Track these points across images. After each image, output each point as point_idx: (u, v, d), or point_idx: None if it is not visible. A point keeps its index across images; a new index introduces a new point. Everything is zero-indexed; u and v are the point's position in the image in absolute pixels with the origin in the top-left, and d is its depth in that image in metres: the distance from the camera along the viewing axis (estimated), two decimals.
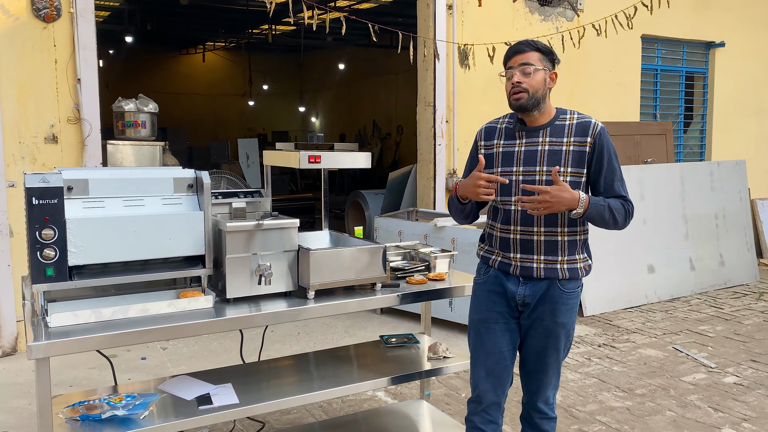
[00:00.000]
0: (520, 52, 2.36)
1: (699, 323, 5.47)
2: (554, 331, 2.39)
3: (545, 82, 2.36)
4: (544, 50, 2.39)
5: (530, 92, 2.32)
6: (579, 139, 2.34)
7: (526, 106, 2.34)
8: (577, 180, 2.34)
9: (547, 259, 2.36)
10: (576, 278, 2.39)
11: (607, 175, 2.36)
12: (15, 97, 4.60)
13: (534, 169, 2.34)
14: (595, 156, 2.34)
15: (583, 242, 2.43)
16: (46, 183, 2.17)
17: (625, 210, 2.37)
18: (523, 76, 2.33)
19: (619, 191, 2.37)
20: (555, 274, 2.36)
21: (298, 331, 5.18)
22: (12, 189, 4.59)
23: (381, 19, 7.66)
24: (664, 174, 6.43)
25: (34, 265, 2.16)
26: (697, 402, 3.85)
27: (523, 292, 2.39)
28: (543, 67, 2.36)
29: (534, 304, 2.39)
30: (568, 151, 2.33)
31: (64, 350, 2.11)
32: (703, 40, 8.28)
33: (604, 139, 2.35)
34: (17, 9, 4.56)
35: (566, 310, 2.39)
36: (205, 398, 2.52)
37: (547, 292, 2.37)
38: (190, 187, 2.49)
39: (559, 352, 2.43)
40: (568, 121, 2.38)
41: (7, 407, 3.75)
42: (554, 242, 2.36)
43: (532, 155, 2.36)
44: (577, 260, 2.40)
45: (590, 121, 2.37)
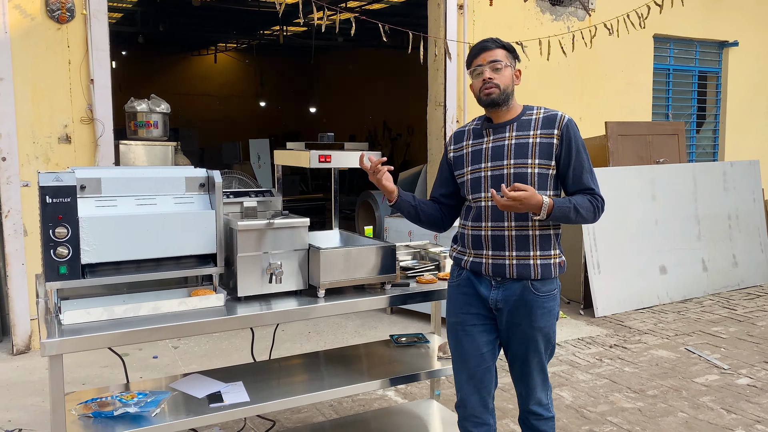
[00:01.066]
0: (487, 50, 2.38)
1: (712, 324, 5.43)
2: (533, 336, 2.37)
3: (512, 79, 2.39)
4: (508, 48, 2.41)
5: (501, 87, 2.34)
6: (546, 131, 2.34)
7: (498, 101, 2.35)
8: (545, 172, 2.33)
9: (519, 255, 2.33)
10: (549, 278, 2.36)
11: (576, 167, 2.35)
12: (29, 97, 4.64)
13: (501, 163, 2.35)
14: (563, 148, 2.33)
15: (555, 237, 2.40)
16: (60, 182, 2.19)
17: (593, 206, 2.36)
18: (493, 72, 2.35)
19: (588, 184, 2.36)
20: (527, 272, 2.32)
21: (308, 331, 5.19)
22: (26, 188, 4.63)
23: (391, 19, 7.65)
24: (676, 174, 6.39)
25: (47, 263, 2.18)
26: (709, 403, 3.82)
27: (495, 296, 2.37)
28: (510, 63, 2.38)
29: (509, 310, 2.36)
30: (534, 143, 2.33)
31: (77, 347, 2.13)
32: (716, 39, 8.22)
33: (572, 131, 2.35)
34: (32, 11, 4.61)
35: (543, 314, 2.36)
36: (216, 396, 2.54)
37: (521, 298, 2.34)
38: (202, 186, 2.50)
39: (541, 356, 2.41)
40: (535, 115, 2.39)
41: (20, 404, 3.79)
42: (525, 237, 2.33)
43: (500, 150, 2.37)
44: (551, 256, 2.37)
45: (557, 114, 2.37)
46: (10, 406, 3.76)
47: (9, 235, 4.61)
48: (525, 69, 6.54)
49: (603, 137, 6.48)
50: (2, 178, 4.58)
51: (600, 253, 5.74)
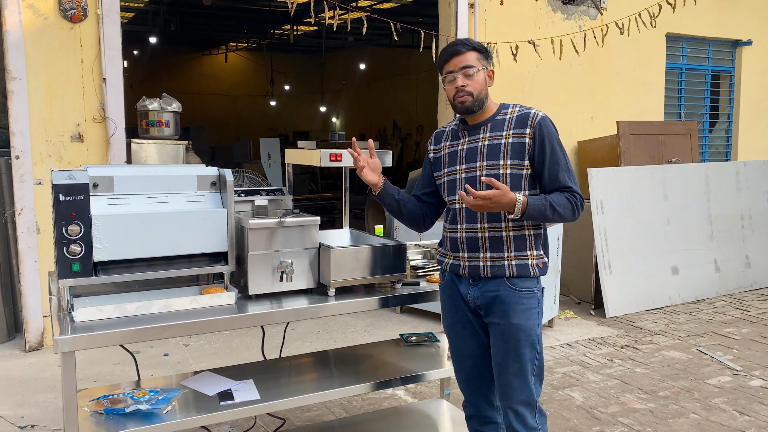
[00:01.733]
0: (458, 54, 2.30)
1: (724, 325, 5.39)
2: (511, 336, 2.26)
3: (485, 82, 2.33)
4: (480, 49, 2.34)
5: (474, 94, 2.29)
6: (518, 131, 2.28)
7: (472, 109, 2.31)
8: (518, 172, 2.28)
9: (493, 257, 2.29)
10: (527, 276, 2.29)
11: (551, 165, 2.27)
12: (42, 96, 4.68)
13: (474, 165, 2.32)
14: (536, 147, 2.26)
15: (534, 237, 2.33)
16: (73, 180, 2.21)
17: (571, 204, 2.27)
18: (465, 78, 2.28)
19: (564, 182, 2.28)
20: (502, 271, 2.28)
21: (318, 329, 5.20)
22: (39, 186, 4.67)
23: (402, 18, 7.64)
24: (688, 174, 6.35)
25: (60, 261, 2.20)
26: (722, 405, 3.79)
27: (473, 294, 2.33)
28: (482, 66, 2.32)
29: (487, 306, 2.31)
30: (507, 143, 2.28)
31: (89, 344, 2.15)
32: (729, 38, 8.15)
33: (545, 129, 2.28)
34: (45, 10, 4.64)
35: (522, 311, 2.26)
36: (227, 394, 2.54)
37: (497, 294, 2.28)
38: (213, 184, 2.51)
39: (522, 362, 2.26)
40: (509, 114, 2.34)
41: (33, 401, 3.82)
42: (498, 238, 2.29)
43: (473, 152, 2.33)
44: (528, 257, 2.30)
45: (529, 112, 2.31)
46: (23, 403, 3.79)
47: (22, 233, 4.64)
48: (536, 68, 6.56)
49: (614, 137, 6.45)
50: (16, 176, 4.61)
51: (611, 252, 5.71)
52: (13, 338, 4.93)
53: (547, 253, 2.38)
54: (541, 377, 2.35)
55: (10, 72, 4.54)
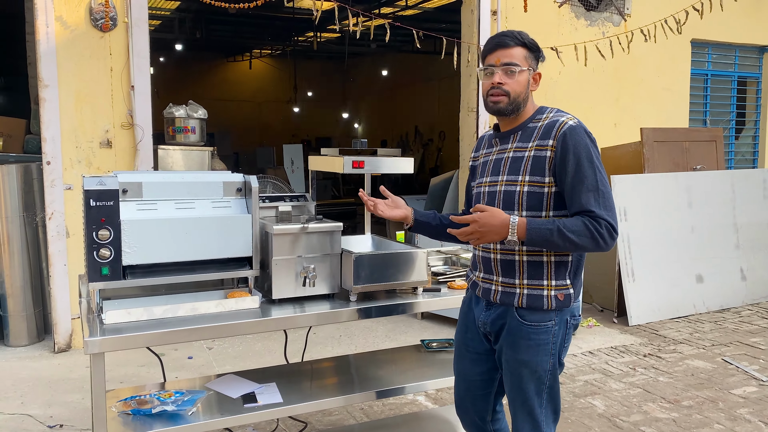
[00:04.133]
0: (504, 47, 2.03)
1: (750, 335, 5.31)
2: (516, 370, 2.07)
3: (528, 84, 2.06)
4: (531, 46, 2.06)
5: (511, 96, 2.04)
6: (541, 142, 2.01)
7: (504, 111, 2.07)
8: (538, 190, 2.00)
9: (505, 282, 2.08)
10: (539, 309, 2.02)
11: (575, 184, 1.94)
12: (73, 103, 4.80)
13: (497, 179, 2.10)
14: (558, 160, 1.97)
15: (556, 265, 2.03)
16: (103, 186, 2.27)
17: (590, 231, 1.91)
18: (505, 76, 2.03)
19: (586, 205, 1.93)
20: (510, 299, 2.05)
21: (339, 334, 5.24)
22: (69, 191, 4.78)
23: (424, 25, 7.69)
24: (713, 181, 6.27)
25: (90, 264, 2.26)
26: (747, 416, 3.74)
27: (484, 319, 2.17)
28: (528, 66, 2.05)
29: (496, 334, 2.14)
30: (528, 156, 2.02)
31: (118, 346, 2.21)
32: (756, 44, 8.05)
33: (571, 140, 1.96)
34: (76, 20, 4.76)
35: (528, 347, 2.03)
36: (250, 396, 2.59)
37: (505, 323, 2.09)
38: (239, 191, 2.56)
39: (526, 397, 2.07)
40: (541, 122, 2.06)
41: (61, 401, 3.91)
42: (510, 262, 2.06)
43: (498, 164, 2.12)
44: (544, 287, 2.03)
45: (557, 121, 2.02)
46: (52, 402, 3.88)
47: (52, 237, 4.76)
48: (559, 75, 6.54)
49: (638, 143, 6.40)
50: (47, 182, 4.73)
51: (635, 260, 5.67)
52: (43, 339, 5.04)
53: (577, 282, 2.09)
54: (555, 411, 2.13)
55: (42, 80, 4.67)
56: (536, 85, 2.10)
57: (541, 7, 6.50)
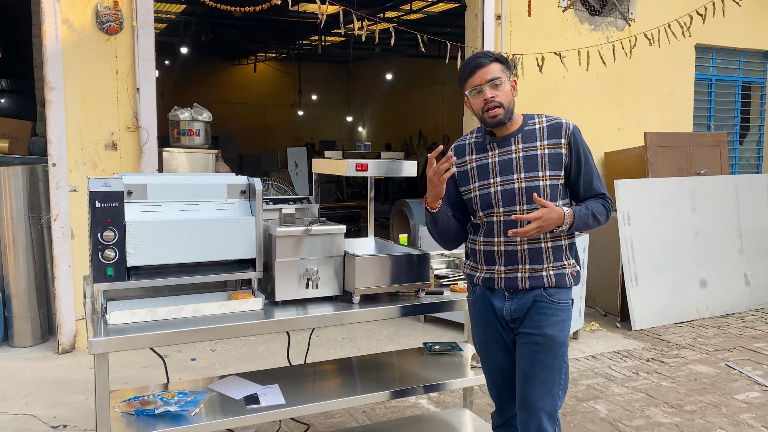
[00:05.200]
0: (482, 66, 2.26)
1: (754, 340, 5.30)
2: (543, 345, 2.25)
3: (512, 92, 2.30)
4: (502, 60, 2.31)
5: (505, 105, 2.25)
6: (553, 141, 2.29)
7: (504, 121, 2.28)
8: (556, 183, 2.29)
9: (532, 268, 2.28)
10: (564, 287, 2.30)
11: (585, 174, 2.32)
12: (79, 106, 4.83)
13: (512, 178, 2.29)
14: (572, 157, 2.30)
15: (569, 246, 2.35)
16: (108, 187, 2.29)
17: (606, 209, 2.35)
18: (494, 90, 2.25)
19: (598, 189, 2.34)
20: (540, 282, 2.28)
21: (342, 337, 5.24)
22: (74, 193, 4.81)
23: (429, 29, 7.70)
24: (717, 186, 6.27)
25: (95, 265, 2.28)
26: (750, 421, 3.73)
27: (509, 307, 2.31)
28: (506, 77, 2.29)
29: (522, 319, 2.30)
30: (543, 154, 2.28)
31: (122, 346, 2.22)
32: (760, 49, 8.04)
33: (578, 138, 2.31)
34: (83, 23, 4.79)
35: (555, 323, 2.26)
36: (253, 398, 2.60)
37: (534, 304, 2.28)
38: (243, 193, 2.58)
39: (550, 372, 2.25)
40: (538, 125, 2.32)
41: (65, 401, 3.92)
42: (538, 249, 2.28)
43: (508, 164, 2.30)
44: (565, 266, 2.31)
45: (561, 122, 2.32)
46: (56, 403, 3.90)
47: (57, 238, 4.78)
48: (563, 79, 6.55)
49: (642, 148, 6.41)
50: (52, 183, 4.76)
51: (638, 265, 5.66)
52: (47, 340, 5.06)
53: (579, 261, 2.39)
54: (566, 389, 2.36)
55: (48, 82, 4.70)
56: (516, 91, 2.33)
57: (546, 11, 6.52)
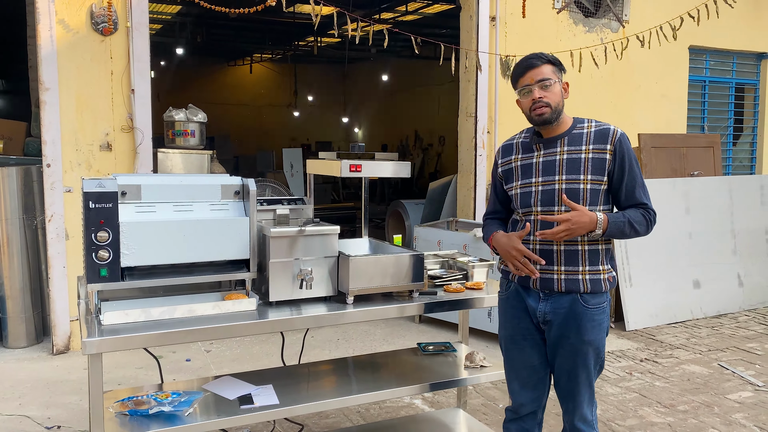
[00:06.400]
0: (533, 67, 2.33)
1: (747, 340, 5.33)
2: (581, 350, 2.34)
3: (562, 94, 2.35)
4: (555, 62, 2.36)
5: (552, 106, 2.31)
6: (598, 146, 2.31)
7: (550, 120, 2.33)
8: (597, 188, 2.30)
9: (568, 270, 2.32)
10: (599, 292, 2.33)
11: (629, 182, 2.32)
12: (74, 107, 4.82)
13: (553, 179, 2.33)
14: (616, 164, 2.31)
15: (605, 252, 2.36)
16: (102, 188, 2.29)
17: (646, 220, 2.34)
18: (542, 90, 2.31)
19: (640, 198, 2.34)
20: (577, 286, 2.31)
21: (337, 338, 5.25)
22: (69, 194, 4.80)
23: (424, 31, 7.73)
24: (711, 187, 6.30)
25: (89, 266, 2.28)
26: (742, 420, 3.76)
27: (543, 308, 2.36)
28: (557, 78, 2.34)
29: (558, 322, 2.35)
30: (587, 158, 2.30)
31: (116, 347, 2.23)
32: (753, 51, 8.09)
33: (625, 145, 2.32)
34: (77, 24, 4.79)
35: (593, 327, 2.33)
36: (247, 398, 2.60)
37: (570, 310, 2.32)
38: (237, 194, 2.58)
39: (589, 370, 2.38)
40: (586, 129, 2.36)
41: (59, 402, 3.92)
42: (575, 252, 2.31)
43: (551, 165, 2.34)
44: (600, 271, 2.34)
45: (609, 128, 2.34)
46: (50, 404, 3.89)
47: (52, 239, 4.78)
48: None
49: (636, 149, 6.43)
50: (47, 184, 4.76)
51: (632, 266, 5.69)
52: (41, 341, 5.06)
53: (615, 266, 2.42)
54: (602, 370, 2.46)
55: (43, 83, 4.70)
56: (567, 93, 2.37)
57: (540, 13, 6.54)
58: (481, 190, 6.39)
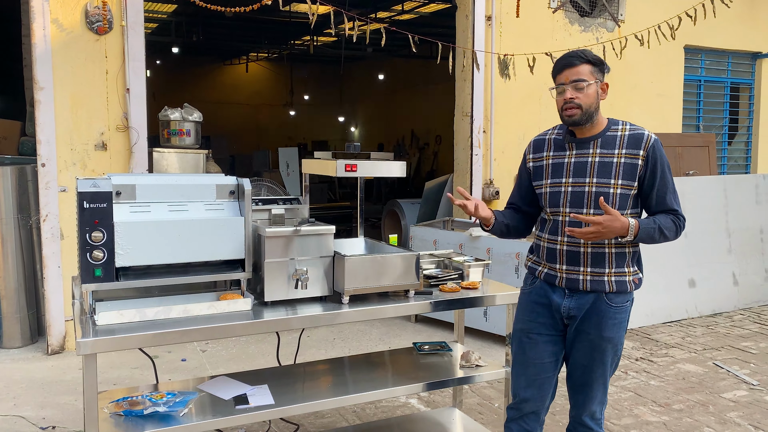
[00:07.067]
0: (571, 66, 2.30)
1: (741, 339, 5.35)
2: (600, 346, 2.36)
3: (597, 95, 2.31)
4: (594, 61, 2.32)
5: (584, 108, 2.28)
6: (631, 151, 2.29)
7: (579, 122, 2.31)
8: (627, 192, 2.30)
9: (594, 271, 2.33)
10: (624, 292, 2.35)
11: (660, 188, 2.31)
12: (68, 106, 4.81)
13: (583, 181, 2.32)
14: (648, 169, 2.29)
15: (632, 255, 2.38)
16: (97, 188, 2.28)
17: (676, 226, 2.34)
18: (575, 91, 2.28)
19: (671, 205, 2.33)
20: (602, 286, 2.33)
21: (333, 337, 5.25)
22: (64, 194, 4.79)
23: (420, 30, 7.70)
24: (706, 186, 6.31)
25: (83, 266, 2.27)
26: (737, 419, 3.77)
27: (568, 304, 2.38)
28: (595, 79, 2.30)
29: (580, 317, 2.37)
30: (619, 163, 2.29)
31: (111, 347, 2.22)
32: (748, 50, 8.11)
33: (658, 152, 2.30)
34: (72, 23, 4.78)
35: (613, 325, 2.35)
36: (242, 398, 2.60)
37: (593, 306, 2.34)
38: (232, 193, 2.58)
39: (605, 367, 2.40)
40: (620, 132, 2.34)
41: (54, 403, 3.91)
42: (601, 254, 2.33)
43: (582, 166, 2.34)
44: (626, 273, 2.35)
45: (643, 133, 2.32)
46: (45, 404, 3.88)
47: (46, 239, 4.76)
48: None
49: None
50: (41, 184, 4.74)
51: None
52: (36, 341, 5.04)
53: (641, 268, 2.43)
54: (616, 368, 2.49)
55: (37, 82, 4.68)
56: (605, 94, 2.34)
57: (536, 12, 6.55)
58: (477, 189, 6.40)
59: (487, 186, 6.40)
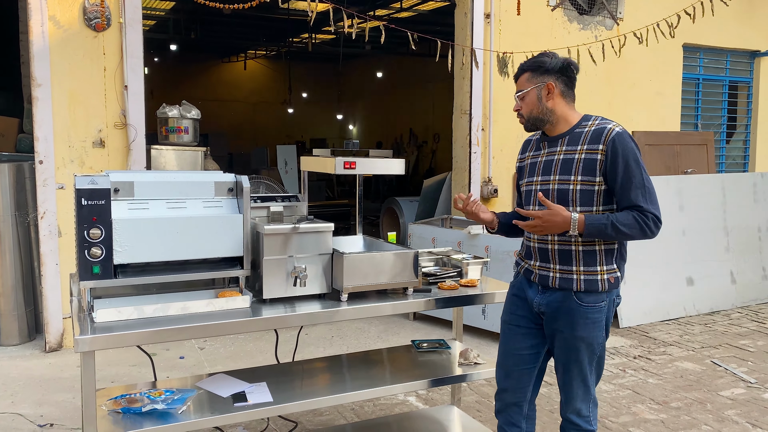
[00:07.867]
0: (516, 79, 2.44)
1: (739, 337, 5.35)
2: (574, 345, 2.36)
3: (540, 99, 2.36)
4: (530, 67, 2.38)
5: (525, 116, 2.41)
6: (591, 146, 2.29)
7: (528, 129, 2.45)
8: (590, 188, 2.28)
9: (563, 269, 2.35)
10: (595, 291, 2.32)
11: (624, 182, 2.24)
12: (66, 103, 4.79)
13: (549, 179, 2.38)
14: (608, 163, 2.25)
15: (606, 253, 2.34)
16: (95, 185, 2.28)
17: (639, 223, 2.23)
18: (519, 102, 2.41)
19: (635, 200, 2.24)
20: (570, 284, 2.33)
21: (331, 335, 5.25)
22: (61, 191, 4.78)
23: (419, 27, 7.70)
24: (704, 185, 6.32)
25: (81, 263, 2.27)
26: (734, 417, 3.77)
27: (540, 300, 2.42)
28: (532, 85, 2.36)
29: (552, 314, 2.39)
30: (579, 159, 2.30)
31: (109, 344, 2.22)
32: (747, 48, 8.11)
33: (619, 144, 2.24)
34: (70, 20, 4.76)
35: (586, 324, 2.33)
36: (241, 396, 2.60)
37: (564, 304, 2.35)
38: (230, 191, 2.57)
39: (582, 366, 2.38)
40: (587, 128, 2.35)
41: (52, 400, 3.90)
42: (568, 252, 2.34)
43: (549, 165, 2.40)
44: (598, 272, 2.32)
45: (605, 127, 2.30)
46: (43, 402, 3.88)
47: (44, 236, 4.75)
48: None
49: None
50: (39, 181, 4.73)
51: (626, 263, 5.69)
52: (34, 339, 5.04)
53: (622, 265, 2.40)
54: (599, 374, 2.46)
55: (35, 79, 4.67)
56: (552, 94, 2.35)
57: (535, 10, 6.54)
58: (476, 187, 6.40)
59: (486, 184, 6.40)
